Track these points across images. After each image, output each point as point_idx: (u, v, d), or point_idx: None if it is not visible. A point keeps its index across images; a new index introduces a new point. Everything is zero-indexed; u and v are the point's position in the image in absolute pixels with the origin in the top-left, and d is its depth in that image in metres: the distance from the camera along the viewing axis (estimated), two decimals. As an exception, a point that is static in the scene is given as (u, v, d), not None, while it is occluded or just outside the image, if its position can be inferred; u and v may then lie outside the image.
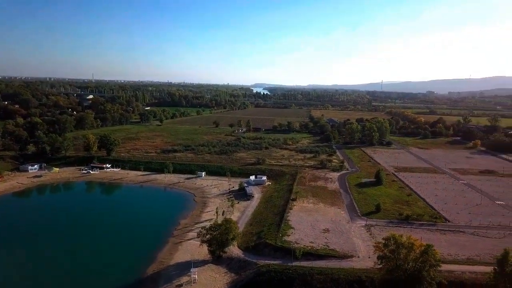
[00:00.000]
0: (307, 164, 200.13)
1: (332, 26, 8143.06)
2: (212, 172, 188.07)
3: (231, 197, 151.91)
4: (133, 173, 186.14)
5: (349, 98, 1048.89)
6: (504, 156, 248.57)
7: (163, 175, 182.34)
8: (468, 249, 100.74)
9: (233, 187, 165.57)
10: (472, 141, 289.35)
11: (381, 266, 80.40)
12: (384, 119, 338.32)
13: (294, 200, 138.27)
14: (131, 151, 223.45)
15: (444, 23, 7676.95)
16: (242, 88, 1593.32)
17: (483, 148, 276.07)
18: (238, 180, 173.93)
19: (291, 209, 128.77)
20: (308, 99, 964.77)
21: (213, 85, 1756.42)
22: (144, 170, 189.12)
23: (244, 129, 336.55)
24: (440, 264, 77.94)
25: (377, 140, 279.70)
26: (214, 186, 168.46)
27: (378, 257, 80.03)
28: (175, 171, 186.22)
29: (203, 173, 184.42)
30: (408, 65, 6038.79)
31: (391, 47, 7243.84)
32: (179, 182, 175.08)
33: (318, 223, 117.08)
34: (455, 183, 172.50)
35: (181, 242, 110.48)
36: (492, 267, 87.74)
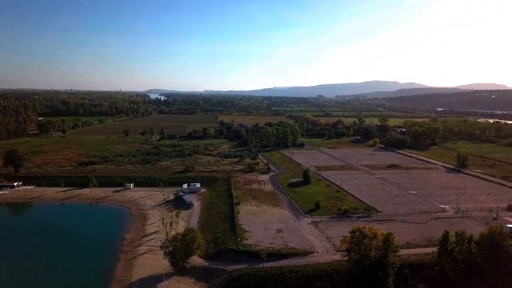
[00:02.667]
0: (236, 169, 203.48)
1: (227, 35, 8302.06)
2: (141, 183, 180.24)
3: (170, 207, 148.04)
4: (51, 190, 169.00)
5: (249, 104, 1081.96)
6: (400, 151, 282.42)
7: (87, 189, 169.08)
8: (404, 235, 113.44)
9: (168, 197, 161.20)
10: (372, 140, 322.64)
11: (348, 257, 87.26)
12: (294, 122, 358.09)
13: (237, 204, 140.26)
14: (42, 166, 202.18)
15: (328, 40, 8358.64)
16: (138, 94, 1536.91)
17: (381, 145, 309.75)
18: (170, 189, 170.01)
19: (238, 213, 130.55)
20: (210, 104, 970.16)
21: (105, 92, 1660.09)
22: (65, 186, 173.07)
23: (158, 137, 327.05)
24: (399, 249, 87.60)
25: (291, 142, 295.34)
26: (147, 198, 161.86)
27: (347, 249, 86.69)
28: (100, 184, 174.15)
29: (131, 184, 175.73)
30: (296, 72, 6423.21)
31: (279, 54, 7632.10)
32: (107, 196, 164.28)
33: (269, 225, 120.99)
34: (371, 178, 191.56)
35: (134, 257, 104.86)
36: (429, 248, 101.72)
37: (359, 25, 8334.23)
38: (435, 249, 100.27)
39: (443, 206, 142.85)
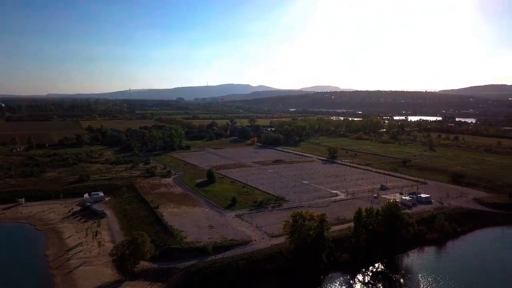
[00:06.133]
0: (135, 174, 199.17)
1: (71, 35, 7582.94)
2: (32, 197, 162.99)
3: (80, 219, 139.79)
4: None
5: (108, 107, 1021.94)
6: (277, 148, 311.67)
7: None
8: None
9: (72, 208, 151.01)
10: (250, 139, 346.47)
11: (290, 239, 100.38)
12: (177, 125, 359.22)
13: (157, 208, 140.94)
14: None
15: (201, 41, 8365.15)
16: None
17: (259, 144, 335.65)
18: (71, 201, 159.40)
19: (163, 215, 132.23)
20: (64, 109, 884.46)
21: None
22: None
23: (23, 147, 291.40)
24: (330, 227, 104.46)
25: (177, 145, 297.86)
26: (48, 211, 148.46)
27: (290, 232, 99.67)
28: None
29: (22, 199, 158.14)
30: (153, 74, 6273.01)
31: (134, 55, 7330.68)
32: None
33: (199, 223, 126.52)
34: (265, 172, 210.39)
35: (70, 271, 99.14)
36: (342, 225, 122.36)
37: (213, 31, 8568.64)
38: (346, 225, 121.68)
39: (335, 191, 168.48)
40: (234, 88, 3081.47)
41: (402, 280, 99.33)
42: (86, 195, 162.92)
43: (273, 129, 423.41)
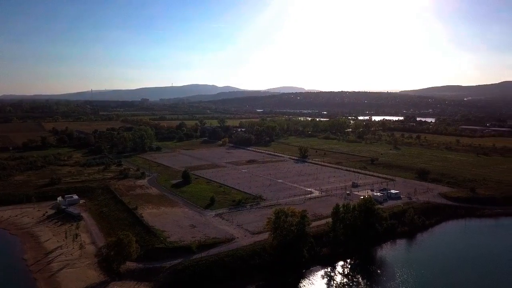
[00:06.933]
0: (108, 176, 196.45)
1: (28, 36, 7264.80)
2: (3, 201, 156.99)
3: (56, 222, 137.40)
4: None
5: (70, 109, 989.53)
6: (249, 148, 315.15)
7: None
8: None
9: (47, 212, 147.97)
10: (221, 139, 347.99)
11: (273, 235, 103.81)
12: (147, 126, 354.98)
13: (135, 209, 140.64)
14: None
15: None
16: None
17: (231, 144, 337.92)
18: (44, 204, 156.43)
19: (143, 216, 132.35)
20: (24, 111, 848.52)
21: None
22: None
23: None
24: (311, 223, 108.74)
25: (148, 146, 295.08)
26: (21, 216, 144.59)
27: (273, 228, 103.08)
28: None
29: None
30: (115, 75, 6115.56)
31: (92, 55, 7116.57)
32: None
33: (180, 223, 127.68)
34: (240, 172, 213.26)
35: (53, 274, 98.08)
36: (320, 221, 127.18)
37: (176, 31, 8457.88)
38: (324, 221, 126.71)
39: (309, 189, 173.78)
40: (200, 89, 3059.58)
41: (378, 271, 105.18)
42: (59, 198, 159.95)
43: (243, 129, 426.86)
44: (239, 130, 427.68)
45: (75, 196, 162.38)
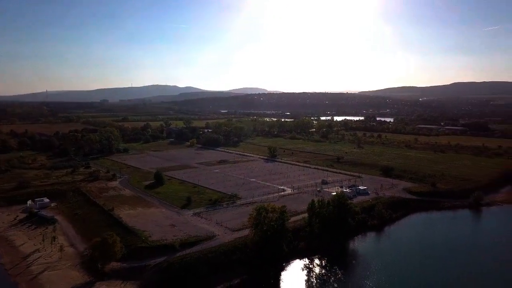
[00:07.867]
0: (78, 179, 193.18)
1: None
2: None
3: (30, 226, 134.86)
4: None
5: (25, 110, 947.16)
6: (218, 149, 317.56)
7: None
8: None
9: (18, 216, 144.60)
10: (189, 140, 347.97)
11: (254, 231, 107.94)
12: (113, 128, 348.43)
13: (111, 210, 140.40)
14: None
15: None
16: None
17: (199, 145, 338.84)
18: (13, 208, 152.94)
19: (121, 217, 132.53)
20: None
21: None
22: None
23: None
24: (289, 218, 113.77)
25: (115, 148, 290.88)
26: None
27: (254, 224, 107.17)
28: None
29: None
30: (71, 75, 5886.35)
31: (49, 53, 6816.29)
32: None
33: (159, 222, 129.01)
34: (212, 172, 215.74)
35: (35, 277, 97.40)
36: (296, 217, 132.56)
37: (134, 31, 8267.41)
38: (300, 216, 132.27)
39: (282, 187, 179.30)
40: (160, 89, 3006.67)
41: (353, 262, 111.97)
42: (29, 202, 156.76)
43: (210, 130, 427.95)
44: (206, 131, 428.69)
45: (46, 200, 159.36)
